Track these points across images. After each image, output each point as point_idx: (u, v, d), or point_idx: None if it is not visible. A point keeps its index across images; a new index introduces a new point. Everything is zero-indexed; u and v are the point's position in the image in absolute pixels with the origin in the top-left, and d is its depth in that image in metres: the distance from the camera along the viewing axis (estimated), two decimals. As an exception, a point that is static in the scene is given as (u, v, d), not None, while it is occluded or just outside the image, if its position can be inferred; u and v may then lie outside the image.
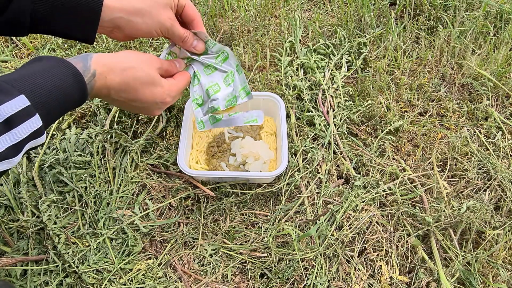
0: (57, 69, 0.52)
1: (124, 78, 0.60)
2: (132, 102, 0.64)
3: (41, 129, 0.48)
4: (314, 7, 1.33)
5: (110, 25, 0.64)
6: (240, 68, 0.78)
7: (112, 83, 0.59)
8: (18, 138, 0.46)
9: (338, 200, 0.86)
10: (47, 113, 0.49)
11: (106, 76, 0.58)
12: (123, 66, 0.60)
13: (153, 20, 0.65)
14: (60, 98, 0.51)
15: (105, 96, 0.60)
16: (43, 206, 0.82)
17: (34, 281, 0.77)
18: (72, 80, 0.53)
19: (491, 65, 1.09)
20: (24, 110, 0.46)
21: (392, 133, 0.99)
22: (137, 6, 0.63)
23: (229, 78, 0.77)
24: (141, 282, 0.77)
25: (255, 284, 0.78)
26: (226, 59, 0.76)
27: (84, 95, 0.55)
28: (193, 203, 0.87)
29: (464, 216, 0.79)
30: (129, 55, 0.63)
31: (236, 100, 0.78)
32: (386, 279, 0.77)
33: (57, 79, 0.51)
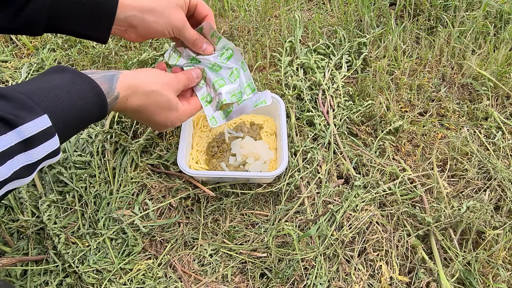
0: (81, 87, 0.51)
1: (144, 101, 0.62)
2: (145, 120, 0.66)
3: (58, 149, 0.48)
4: (314, 7, 1.33)
5: (124, 24, 0.65)
6: (245, 65, 0.78)
7: (132, 104, 0.60)
8: (34, 158, 0.45)
9: (338, 200, 0.86)
10: (65, 131, 0.49)
11: (127, 99, 0.59)
12: (145, 89, 0.61)
13: (165, 19, 0.66)
14: (80, 117, 0.50)
15: (120, 111, 0.63)
16: (43, 206, 0.82)
17: (34, 281, 0.77)
18: (94, 101, 0.52)
19: (491, 65, 1.09)
20: (45, 131, 0.45)
21: (392, 133, 0.99)
22: (150, 4, 0.64)
23: (234, 75, 0.77)
24: (141, 282, 0.77)
25: (255, 284, 0.78)
26: (230, 57, 0.76)
27: (103, 115, 0.55)
28: (193, 203, 0.87)
29: (464, 216, 0.79)
30: (153, 75, 0.64)
31: (241, 96, 0.78)
32: (386, 279, 0.77)
33: (79, 98, 0.50)
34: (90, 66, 1.13)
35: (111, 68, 1.13)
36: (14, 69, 1.14)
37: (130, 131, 0.97)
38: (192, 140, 0.95)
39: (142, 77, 0.62)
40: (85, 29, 0.64)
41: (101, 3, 0.61)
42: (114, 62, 1.14)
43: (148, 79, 0.63)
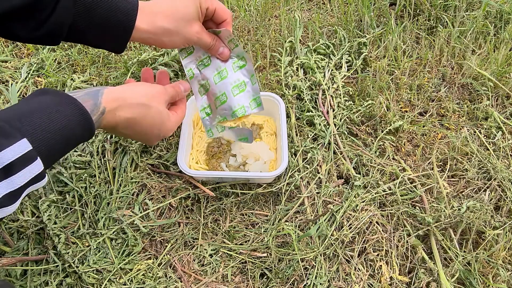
0: (62, 107, 0.50)
1: (133, 114, 0.60)
2: (137, 135, 0.64)
3: (42, 173, 0.46)
4: (314, 7, 1.33)
5: (140, 40, 0.67)
6: (255, 78, 0.77)
7: (121, 118, 0.59)
8: (17, 185, 0.43)
9: (338, 200, 0.86)
10: (49, 154, 0.47)
11: (115, 112, 0.58)
12: (133, 101, 0.60)
13: (180, 37, 0.67)
14: (65, 139, 0.49)
15: (110, 129, 0.60)
16: (43, 206, 0.82)
17: (34, 281, 0.77)
18: (79, 120, 0.51)
19: (491, 65, 1.09)
20: (25, 155, 0.43)
21: (392, 133, 0.99)
22: (165, 27, 0.65)
23: (238, 88, 0.77)
24: (141, 282, 0.77)
25: (255, 284, 0.78)
26: (242, 67, 0.76)
27: (90, 134, 0.54)
28: (193, 203, 0.87)
29: (464, 216, 0.79)
30: (139, 89, 0.63)
31: (244, 111, 0.77)
32: (386, 279, 0.77)
33: (63, 118, 0.49)
34: (90, 66, 1.13)
35: (111, 68, 1.13)
36: (14, 69, 1.14)
37: (130, 131, 0.96)
38: (192, 140, 0.95)
39: (129, 90, 0.61)
40: (101, 43, 0.65)
41: (119, 23, 0.62)
42: (114, 62, 1.14)
43: (135, 92, 0.62)
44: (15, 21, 0.57)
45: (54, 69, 1.13)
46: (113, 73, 1.09)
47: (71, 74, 1.10)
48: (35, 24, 0.58)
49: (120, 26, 0.62)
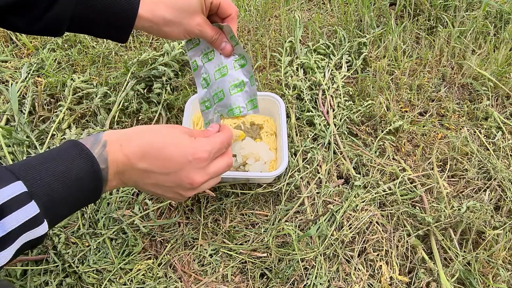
0: (64, 151, 0.47)
1: (143, 140, 0.52)
2: (161, 168, 0.53)
3: (38, 217, 0.42)
4: (314, 7, 1.33)
5: (142, 29, 0.66)
6: (254, 79, 0.77)
7: (130, 148, 0.51)
8: (7, 228, 0.40)
9: (338, 200, 0.86)
10: (48, 199, 0.43)
11: (121, 144, 0.51)
12: (138, 129, 0.54)
13: (181, 28, 0.66)
14: (65, 180, 0.45)
15: (125, 167, 0.51)
16: (43, 206, 0.82)
17: (34, 281, 0.77)
18: (76, 155, 0.47)
19: (491, 65, 1.09)
20: (17, 197, 0.40)
21: (392, 133, 0.99)
22: (167, 17, 0.64)
23: (236, 87, 0.76)
24: (141, 282, 0.77)
25: (255, 284, 0.78)
26: (243, 66, 0.76)
27: (94, 170, 0.47)
28: (193, 203, 0.87)
29: (464, 216, 0.79)
30: (146, 127, 0.56)
31: (240, 111, 0.77)
32: (386, 279, 0.77)
33: (61, 160, 0.45)
34: (90, 66, 1.13)
35: (111, 68, 1.13)
36: (14, 69, 1.14)
37: (130, 131, 0.96)
38: (192, 140, 0.95)
39: (134, 128, 0.55)
40: (104, 32, 0.65)
41: (122, 11, 0.62)
42: (114, 62, 1.14)
43: (141, 127, 0.55)
44: (16, 13, 0.56)
45: (54, 69, 1.13)
46: (113, 73, 1.10)
47: (71, 74, 1.10)
48: (37, 14, 0.57)
49: (123, 14, 0.62)
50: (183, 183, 0.55)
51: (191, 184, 0.55)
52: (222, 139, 0.59)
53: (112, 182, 0.51)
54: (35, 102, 1.04)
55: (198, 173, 0.55)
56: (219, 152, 0.59)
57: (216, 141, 0.58)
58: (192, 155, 0.54)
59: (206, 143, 0.56)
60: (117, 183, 0.52)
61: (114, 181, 0.51)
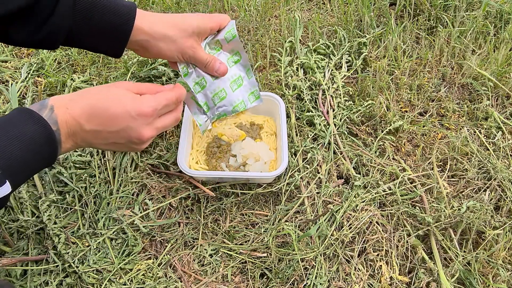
0: (13, 116, 0.49)
1: (87, 102, 0.55)
2: (108, 127, 0.56)
3: (0, 177, 0.44)
4: (314, 7, 1.33)
5: (136, 45, 0.66)
6: (251, 71, 0.78)
7: (76, 111, 0.53)
8: None
9: (338, 200, 0.86)
10: (7, 161, 0.45)
11: (66, 107, 0.53)
12: (81, 92, 0.57)
13: (177, 47, 0.67)
14: (20, 144, 0.47)
15: (75, 129, 0.54)
16: (43, 206, 0.82)
17: (34, 281, 0.77)
18: (27, 119, 0.49)
19: (491, 65, 1.09)
20: None
21: (392, 133, 0.99)
22: (164, 32, 0.65)
23: (236, 83, 0.77)
24: (141, 282, 0.77)
25: (255, 284, 0.78)
26: (237, 62, 0.76)
27: (47, 132, 0.50)
28: (193, 203, 0.87)
29: (464, 216, 0.79)
30: (90, 89, 0.59)
31: (244, 105, 0.78)
32: (386, 279, 0.77)
33: (13, 125, 0.47)
34: (90, 66, 1.13)
35: (111, 68, 1.13)
36: (14, 69, 1.14)
37: (130, 131, 0.96)
38: (192, 140, 0.95)
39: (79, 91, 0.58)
40: (100, 46, 0.65)
41: (118, 24, 0.62)
42: (114, 62, 1.14)
43: (83, 90, 0.58)
44: (12, 25, 0.57)
45: (54, 69, 1.13)
46: (113, 73, 1.10)
47: (71, 74, 1.10)
48: (33, 27, 0.58)
49: (118, 28, 0.63)
50: (132, 139, 0.58)
51: (140, 139, 0.58)
52: (169, 96, 0.61)
53: (66, 144, 0.53)
54: (35, 102, 1.04)
55: (145, 129, 0.57)
56: (166, 109, 0.61)
57: (161, 97, 0.59)
58: (135, 112, 0.56)
59: (151, 99, 0.58)
60: (71, 145, 0.55)
61: (68, 143, 0.54)
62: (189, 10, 1.25)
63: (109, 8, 0.62)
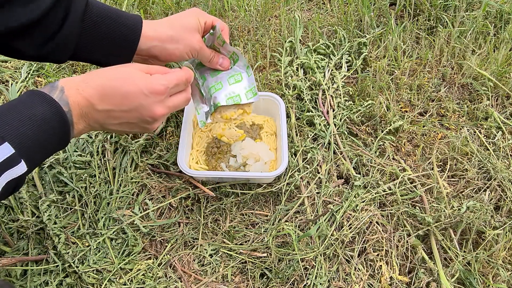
0: (23, 98, 0.50)
1: (99, 82, 0.55)
2: (121, 106, 0.56)
3: (15, 156, 0.45)
4: (314, 7, 1.33)
5: (146, 53, 0.66)
6: (250, 69, 0.79)
7: (87, 91, 0.53)
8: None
9: (338, 200, 0.86)
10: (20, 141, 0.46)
11: (77, 88, 0.53)
12: (92, 73, 0.57)
13: (184, 45, 0.67)
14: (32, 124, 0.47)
15: (88, 109, 0.54)
16: (43, 206, 0.82)
17: (34, 281, 0.77)
18: (38, 101, 0.49)
19: (491, 65, 1.09)
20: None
21: (392, 133, 0.99)
22: (169, 33, 0.66)
23: (234, 78, 0.78)
24: (141, 282, 0.77)
25: (255, 284, 0.78)
26: (236, 61, 0.78)
27: (59, 112, 0.50)
28: (193, 203, 0.87)
29: (464, 216, 0.79)
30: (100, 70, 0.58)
31: (240, 99, 0.78)
32: (386, 279, 0.77)
33: (24, 107, 0.48)
34: (90, 66, 1.13)
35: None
36: (14, 69, 1.14)
37: (130, 131, 0.97)
38: (192, 140, 0.95)
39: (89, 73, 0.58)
40: (107, 58, 0.65)
41: (125, 34, 0.63)
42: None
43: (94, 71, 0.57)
44: (23, 38, 0.57)
45: (54, 69, 1.13)
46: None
47: (71, 74, 1.10)
48: (43, 40, 0.58)
49: (126, 38, 0.63)
50: (145, 117, 0.58)
51: (153, 117, 0.58)
52: (179, 76, 0.61)
53: (78, 125, 0.54)
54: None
55: (158, 106, 0.58)
56: (176, 88, 0.62)
57: (172, 77, 0.60)
58: (148, 89, 0.56)
59: (163, 77, 0.59)
60: (84, 127, 0.55)
61: (80, 124, 0.54)
62: (189, 10, 1.24)
63: (117, 21, 0.62)
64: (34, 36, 0.57)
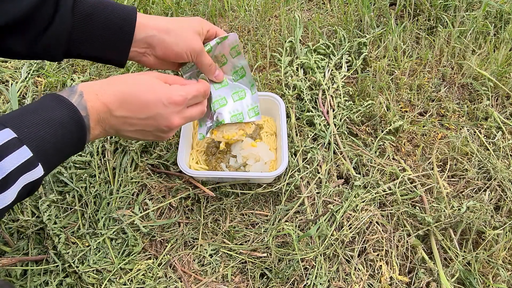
0: (42, 101, 0.50)
1: (119, 89, 0.55)
2: (138, 114, 0.57)
3: (32, 160, 0.45)
4: (314, 7, 1.33)
5: (143, 45, 0.65)
6: (255, 87, 0.79)
7: (106, 97, 0.54)
8: (6, 170, 0.43)
9: (338, 200, 0.86)
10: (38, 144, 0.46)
11: (96, 93, 0.53)
12: (112, 79, 0.57)
13: (184, 42, 0.66)
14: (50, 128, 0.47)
15: (105, 115, 0.54)
16: (43, 206, 0.82)
17: (34, 281, 0.77)
18: (56, 105, 0.49)
19: (491, 65, 1.09)
20: (9, 142, 0.43)
21: (392, 133, 0.99)
22: (169, 26, 0.65)
23: (238, 95, 0.78)
24: (141, 282, 0.77)
25: (255, 284, 0.78)
26: (242, 77, 0.78)
27: (76, 117, 0.50)
28: (193, 203, 0.87)
29: (464, 216, 0.79)
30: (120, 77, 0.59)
31: (242, 117, 0.79)
32: (386, 279, 0.77)
33: (43, 111, 0.48)
34: (90, 66, 1.13)
35: (111, 68, 1.13)
36: (14, 69, 1.14)
37: (130, 131, 0.96)
38: (192, 140, 0.95)
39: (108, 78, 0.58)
40: (103, 52, 0.63)
41: (120, 25, 0.61)
42: (114, 62, 1.14)
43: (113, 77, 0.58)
44: (13, 35, 0.56)
45: (54, 69, 1.13)
46: (113, 73, 1.10)
47: (71, 74, 1.10)
48: (34, 36, 0.57)
49: (120, 28, 0.62)
50: (161, 127, 0.59)
51: (169, 127, 0.60)
52: (198, 88, 0.62)
53: (95, 131, 0.54)
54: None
55: (175, 116, 0.59)
56: (194, 100, 0.63)
57: (191, 88, 0.61)
58: (167, 100, 0.57)
59: (181, 88, 0.60)
60: (100, 132, 0.55)
61: (97, 129, 0.54)
62: (189, 10, 1.24)
63: (109, 10, 0.61)
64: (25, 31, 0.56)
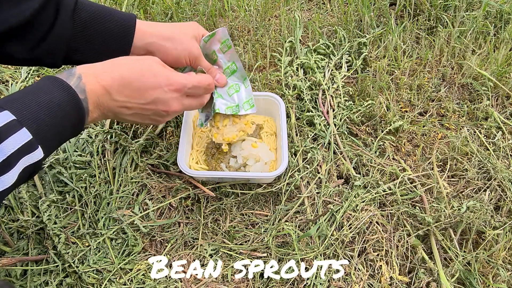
0: (41, 84, 0.50)
1: (119, 73, 0.55)
2: (137, 98, 0.57)
3: (32, 142, 0.45)
4: (314, 7, 1.33)
5: (142, 51, 0.65)
6: (248, 81, 0.80)
7: (106, 81, 0.54)
8: (7, 152, 0.43)
9: (338, 200, 0.86)
10: (38, 127, 0.46)
11: (96, 76, 0.53)
12: (111, 62, 0.57)
13: (183, 47, 0.66)
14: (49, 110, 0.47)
15: (104, 98, 0.54)
16: (43, 206, 0.82)
17: (34, 281, 0.77)
18: (55, 87, 0.49)
19: (491, 65, 1.09)
20: (8, 124, 0.43)
21: (392, 133, 0.99)
22: (168, 33, 0.66)
23: (233, 89, 0.79)
24: (141, 282, 0.77)
25: (255, 284, 0.78)
26: (234, 72, 0.79)
27: (75, 100, 0.50)
28: (193, 203, 0.87)
29: (464, 216, 0.79)
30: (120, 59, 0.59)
31: (238, 110, 0.79)
32: (386, 279, 0.77)
33: (41, 93, 0.48)
34: (90, 66, 1.13)
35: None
36: (14, 69, 1.14)
37: (130, 131, 0.97)
38: (192, 140, 0.95)
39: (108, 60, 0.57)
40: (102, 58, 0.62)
41: (119, 32, 0.62)
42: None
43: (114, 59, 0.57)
44: (13, 41, 0.56)
45: (54, 69, 1.13)
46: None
47: (71, 74, 1.10)
48: (34, 42, 0.57)
49: (119, 34, 0.62)
50: (159, 111, 0.60)
51: (167, 112, 0.60)
52: (200, 79, 0.63)
53: (93, 114, 0.54)
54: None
55: (174, 102, 0.60)
56: (194, 90, 0.63)
57: (193, 78, 0.62)
58: (167, 86, 0.58)
59: (183, 76, 0.60)
60: (98, 115, 0.55)
61: (95, 112, 0.54)
62: (189, 10, 1.24)
63: (108, 18, 0.62)
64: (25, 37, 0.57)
